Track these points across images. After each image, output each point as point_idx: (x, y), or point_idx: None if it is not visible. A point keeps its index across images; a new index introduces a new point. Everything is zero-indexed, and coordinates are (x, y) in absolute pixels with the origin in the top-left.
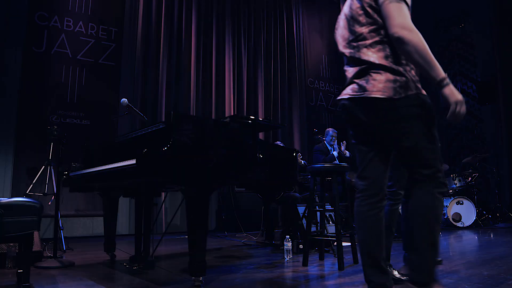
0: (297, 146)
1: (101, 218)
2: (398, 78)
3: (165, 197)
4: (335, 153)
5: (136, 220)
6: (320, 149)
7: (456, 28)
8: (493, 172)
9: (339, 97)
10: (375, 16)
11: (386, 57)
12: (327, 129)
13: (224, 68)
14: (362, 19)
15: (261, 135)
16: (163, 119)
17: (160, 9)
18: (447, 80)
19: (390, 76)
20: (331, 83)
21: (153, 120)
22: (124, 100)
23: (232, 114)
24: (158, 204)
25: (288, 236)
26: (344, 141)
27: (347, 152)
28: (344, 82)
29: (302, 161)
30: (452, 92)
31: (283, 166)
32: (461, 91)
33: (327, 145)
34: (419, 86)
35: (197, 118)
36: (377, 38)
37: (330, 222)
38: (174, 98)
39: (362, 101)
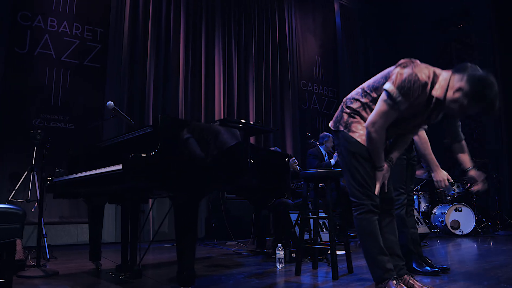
0: (289, 150)
1: (86, 226)
2: None
3: (152, 204)
4: (332, 161)
5: (122, 228)
6: (314, 154)
7: (455, 28)
8: (493, 178)
9: None
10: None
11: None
12: (324, 133)
13: (214, 69)
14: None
15: (252, 140)
16: (151, 123)
17: (147, 8)
18: (382, 168)
19: None
20: (325, 85)
21: (140, 123)
22: (110, 103)
23: (222, 117)
24: (145, 211)
25: (280, 244)
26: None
27: None
28: (337, 84)
29: (298, 167)
30: (380, 176)
31: (275, 171)
32: None
33: (321, 149)
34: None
35: (186, 121)
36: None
37: (324, 230)
38: (162, 101)
39: None
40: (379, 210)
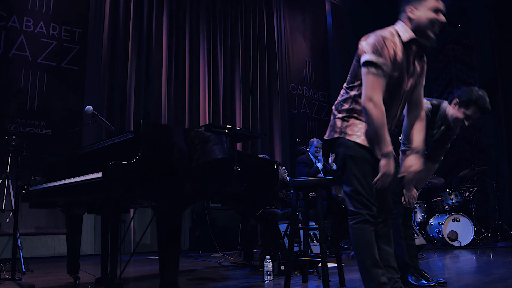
0: (278, 158)
1: (64, 237)
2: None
3: (133, 214)
4: (319, 165)
5: (102, 239)
6: (304, 161)
7: (453, 28)
8: (493, 186)
9: None
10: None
11: None
12: (312, 139)
13: (198, 72)
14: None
15: (238, 146)
16: (132, 128)
17: (128, 7)
18: (390, 154)
19: None
20: (315, 89)
21: (121, 129)
22: (89, 107)
23: (207, 122)
24: (126, 222)
25: (269, 257)
26: (333, 154)
27: (334, 164)
28: (329, 88)
29: (287, 177)
30: (386, 164)
31: (263, 179)
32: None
33: (311, 156)
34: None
35: (169, 127)
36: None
37: (315, 241)
38: (144, 105)
39: None
40: (376, 220)
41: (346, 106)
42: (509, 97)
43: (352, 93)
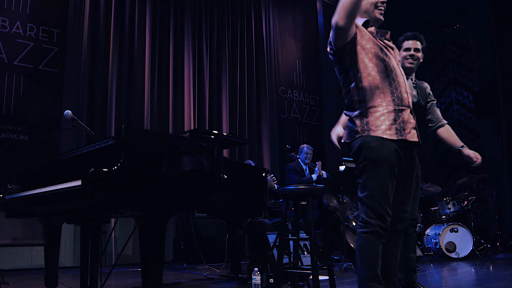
0: (267, 165)
1: (42, 248)
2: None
3: (115, 224)
4: (314, 176)
5: (81, 250)
6: (294, 168)
7: (450, 29)
8: (493, 195)
9: None
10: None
11: None
12: (302, 145)
13: (183, 75)
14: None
15: (225, 152)
16: (113, 134)
17: (109, 7)
18: None
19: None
20: (306, 92)
21: (102, 135)
22: (68, 112)
23: (192, 128)
24: (107, 232)
25: (257, 269)
26: (319, 161)
27: (323, 172)
28: (320, 91)
29: (276, 186)
30: None
31: (251, 187)
32: (456, 102)
33: (302, 164)
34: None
35: (152, 132)
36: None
37: (305, 253)
38: (126, 109)
39: None
40: (387, 233)
41: (356, 98)
42: (509, 102)
43: (352, 84)
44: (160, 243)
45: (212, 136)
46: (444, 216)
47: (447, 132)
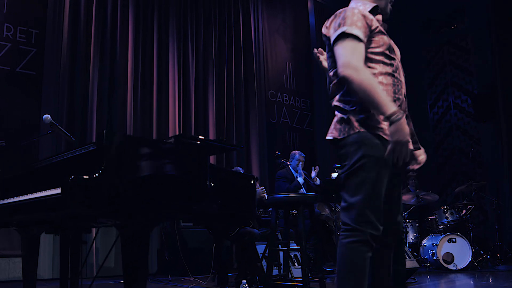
0: (255, 172)
1: (19, 259)
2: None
3: (96, 234)
4: (300, 179)
5: (61, 262)
6: (284, 176)
7: (448, 29)
8: (492, 204)
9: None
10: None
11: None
12: (293, 151)
13: (168, 78)
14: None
15: (212, 159)
16: (94, 140)
17: (90, 6)
18: (397, 116)
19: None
20: (297, 96)
21: (82, 140)
22: (47, 116)
23: (177, 133)
24: (87, 242)
25: (245, 281)
26: (317, 166)
27: (317, 179)
28: (311, 95)
29: (265, 195)
30: (397, 130)
31: (239, 196)
32: (454, 106)
33: (293, 171)
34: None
35: (135, 138)
36: None
37: (296, 264)
38: (107, 114)
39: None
40: (377, 245)
41: (342, 92)
42: (510, 105)
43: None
44: (143, 254)
45: (198, 142)
46: (441, 226)
47: None
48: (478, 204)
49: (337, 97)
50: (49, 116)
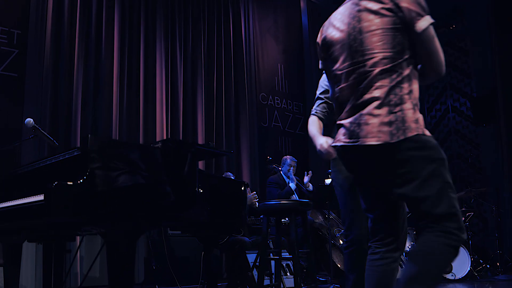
0: (246, 178)
1: (1, 268)
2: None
3: (80, 242)
4: (292, 185)
5: (44, 271)
6: (276, 182)
7: (446, 29)
8: (492, 211)
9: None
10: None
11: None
12: (284, 156)
13: (155, 80)
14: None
15: (201, 164)
16: (78, 144)
17: (74, 6)
18: None
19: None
20: (289, 99)
21: (66, 145)
22: (30, 120)
23: (164, 137)
24: (71, 251)
25: None
26: (310, 171)
27: (310, 185)
28: (304, 98)
29: (257, 203)
30: None
31: (229, 203)
32: (452, 109)
33: (284, 177)
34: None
35: (121, 143)
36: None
37: (288, 274)
38: (92, 118)
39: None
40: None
41: (406, 88)
42: (510, 109)
43: (406, 71)
44: (129, 263)
45: (187, 147)
46: None
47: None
48: (478, 211)
49: (388, 86)
50: (32, 119)
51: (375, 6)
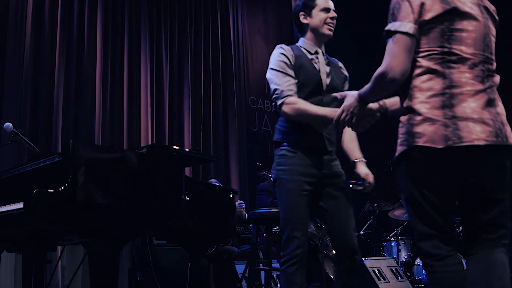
0: (235, 185)
1: None
2: None
3: (62, 252)
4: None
5: (24, 282)
6: (266, 189)
7: None
8: None
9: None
10: None
11: None
12: None
13: (139, 83)
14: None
15: (188, 171)
16: (59, 150)
17: (55, 6)
18: None
19: None
20: None
21: (47, 151)
22: (9, 125)
23: (149, 143)
24: (52, 261)
25: None
26: None
27: None
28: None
29: (245, 213)
30: None
31: (217, 211)
32: None
33: None
34: None
35: (104, 148)
36: None
37: (278, 285)
38: (74, 122)
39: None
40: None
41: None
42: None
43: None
44: (113, 274)
45: (173, 152)
46: None
47: (349, 135)
48: None
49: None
50: (11, 124)
51: (491, 7)
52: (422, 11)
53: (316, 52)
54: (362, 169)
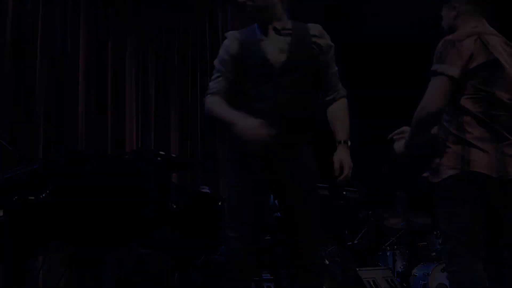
0: (224, 192)
1: None
2: None
3: (43, 261)
4: (277, 201)
5: None
6: None
7: (441, 31)
8: None
9: None
10: None
11: None
12: None
13: (124, 87)
14: None
15: (175, 177)
16: (41, 156)
17: (37, 6)
18: None
19: None
20: None
21: (28, 157)
22: None
23: (135, 148)
24: (34, 271)
25: None
26: None
27: None
28: None
29: None
30: None
31: (205, 219)
32: None
33: None
34: None
35: (87, 154)
36: None
37: None
38: (56, 126)
39: None
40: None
41: None
42: None
43: None
44: (96, 285)
45: (159, 158)
46: (434, 253)
47: (335, 113)
48: None
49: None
50: None
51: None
52: (470, 60)
53: (266, 29)
54: (337, 155)
